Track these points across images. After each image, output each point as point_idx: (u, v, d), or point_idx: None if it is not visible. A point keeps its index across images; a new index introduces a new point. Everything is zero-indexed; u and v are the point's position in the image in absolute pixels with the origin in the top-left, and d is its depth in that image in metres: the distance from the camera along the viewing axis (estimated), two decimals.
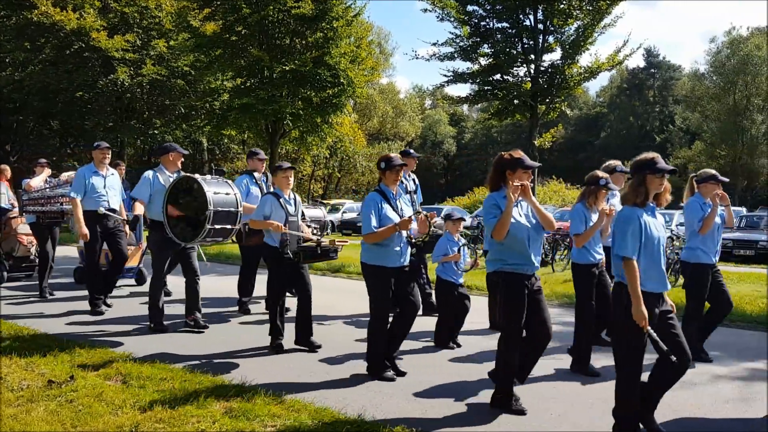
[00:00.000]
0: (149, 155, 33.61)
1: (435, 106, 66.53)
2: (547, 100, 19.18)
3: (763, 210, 30.50)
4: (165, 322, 6.89)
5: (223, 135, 27.20)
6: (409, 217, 5.12)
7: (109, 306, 7.93)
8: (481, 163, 60.59)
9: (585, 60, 19.15)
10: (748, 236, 18.35)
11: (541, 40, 18.92)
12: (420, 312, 5.67)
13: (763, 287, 10.99)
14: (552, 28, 18.86)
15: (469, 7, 19.30)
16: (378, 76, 30.60)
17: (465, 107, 68.59)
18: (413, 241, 5.43)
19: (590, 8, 18.08)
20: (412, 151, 7.94)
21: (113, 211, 7.68)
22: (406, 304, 5.24)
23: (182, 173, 6.85)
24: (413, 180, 7.73)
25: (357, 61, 21.54)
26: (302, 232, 6.16)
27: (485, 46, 19.63)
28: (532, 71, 19.15)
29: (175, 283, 8.55)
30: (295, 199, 6.29)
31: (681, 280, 11.38)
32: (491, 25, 19.39)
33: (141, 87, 25.58)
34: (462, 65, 64.42)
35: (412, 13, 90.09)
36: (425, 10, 19.75)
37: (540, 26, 18.85)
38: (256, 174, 7.90)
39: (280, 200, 6.06)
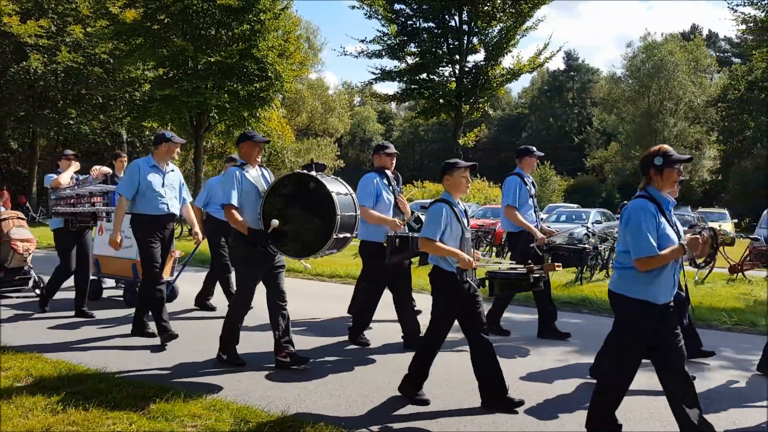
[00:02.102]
0: (63, 147, 32.15)
1: (364, 103, 66.79)
2: (471, 100, 19.61)
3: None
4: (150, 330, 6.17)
5: (144, 127, 26.33)
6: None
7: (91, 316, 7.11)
8: (409, 160, 61.33)
9: (507, 62, 19.65)
10: None
11: (465, 41, 19.33)
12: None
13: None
14: (476, 30, 19.29)
15: (396, 6, 19.49)
16: (306, 71, 30.42)
17: (393, 105, 69.27)
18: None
19: (513, 11, 18.59)
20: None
21: (172, 216, 6.20)
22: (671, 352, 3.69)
23: (285, 171, 5.81)
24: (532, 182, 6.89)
25: (285, 55, 21.36)
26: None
27: (412, 45, 19.87)
28: (456, 71, 19.53)
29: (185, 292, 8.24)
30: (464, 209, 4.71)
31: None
32: (418, 24, 19.64)
33: (55, 75, 24.51)
34: (390, 63, 64.87)
35: (340, 9, 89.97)
36: (353, 7, 19.88)
37: (465, 27, 19.24)
38: (388, 173, 6.20)
39: (455, 210, 4.42)
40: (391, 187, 6.15)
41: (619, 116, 48.71)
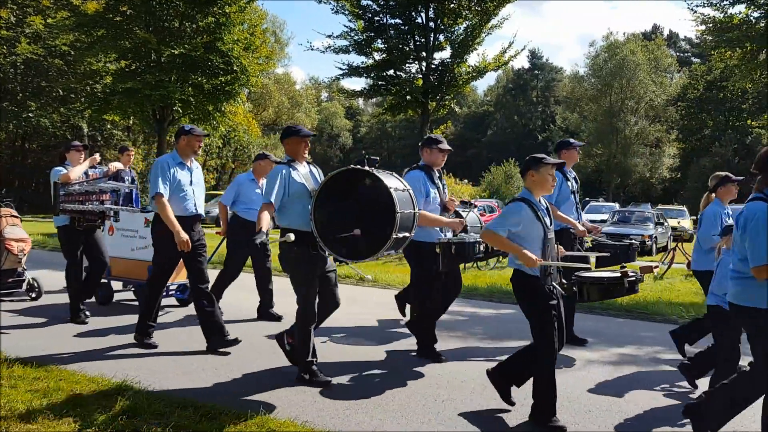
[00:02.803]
0: (23, 140, 31.36)
1: (331, 99, 66.59)
2: (438, 97, 19.68)
3: (635, 206, 32.97)
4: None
5: (105, 120, 25.80)
6: None
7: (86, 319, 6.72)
8: (376, 156, 61.18)
9: (473, 59, 19.72)
10: (621, 230, 19.74)
11: (432, 39, 19.37)
12: None
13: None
14: (442, 27, 19.35)
15: (363, 2, 19.44)
16: (273, 66, 30.13)
17: (360, 101, 69.25)
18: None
19: (478, 9, 18.71)
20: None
21: (199, 217, 5.82)
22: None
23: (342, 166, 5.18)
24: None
25: (251, 49, 21.14)
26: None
27: (379, 41, 19.84)
28: (423, 68, 19.58)
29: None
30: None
31: None
32: (385, 20, 19.61)
33: (14, 67, 23.84)
34: (357, 59, 64.76)
35: (306, 3, 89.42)
36: (320, 1, 19.69)
37: (431, 24, 19.29)
38: (435, 170, 5.76)
39: (537, 210, 4.15)
40: (437, 186, 5.66)
41: (582, 115, 49.50)
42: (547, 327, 4.01)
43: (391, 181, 4.61)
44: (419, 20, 19.40)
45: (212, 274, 6.21)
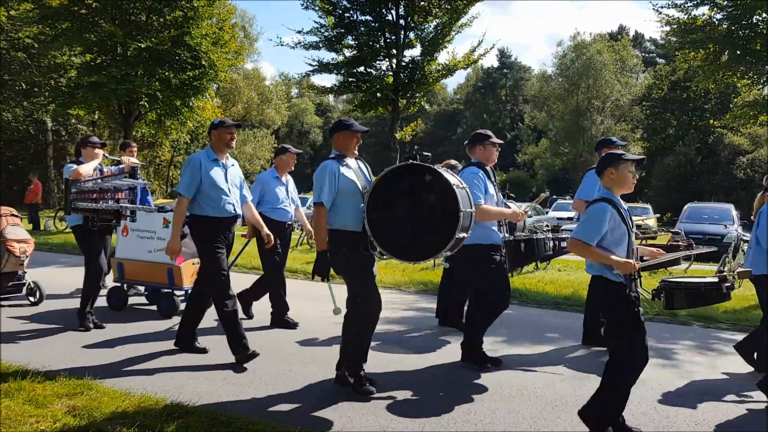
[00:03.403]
0: None
1: (301, 95, 66.18)
2: (408, 95, 19.75)
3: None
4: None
5: (70, 115, 25.27)
6: None
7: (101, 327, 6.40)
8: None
9: (443, 57, 19.85)
10: None
11: (402, 36, 19.43)
12: None
13: None
14: (413, 25, 19.43)
15: None
16: (242, 61, 29.85)
17: (331, 98, 68.96)
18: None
19: (448, 7, 18.82)
20: None
21: (236, 218, 5.50)
22: None
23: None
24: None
25: (219, 44, 20.93)
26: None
27: (349, 37, 19.83)
28: (394, 66, 19.62)
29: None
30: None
31: None
32: (355, 17, 19.61)
33: None
34: (327, 55, 64.58)
35: None
36: None
37: (401, 22, 19.34)
38: (488, 167, 5.49)
39: (621, 210, 3.86)
40: (494, 183, 5.40)
41: (549, 113, 50.03)
42: (635, 335, 3.77)
43: (451, 177, 4.38)
44: (390, 17, 19.44)
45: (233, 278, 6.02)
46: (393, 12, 19.32)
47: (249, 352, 5.17)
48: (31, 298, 7.42)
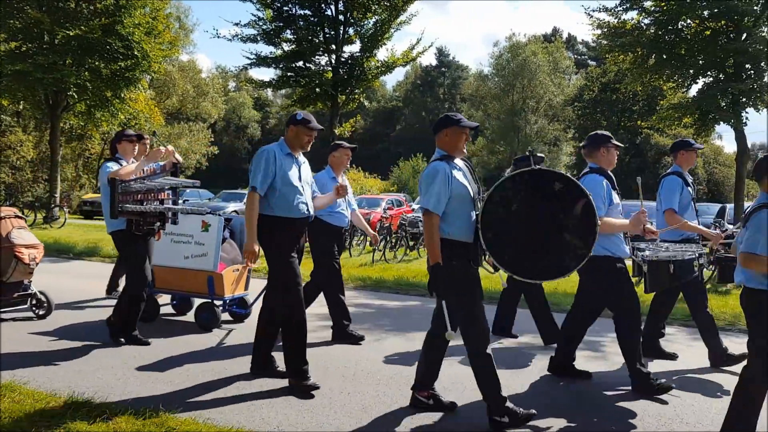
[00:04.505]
0: None
1: (239, 89, 65.10)
2: (347, 91, 19.73)
3: None
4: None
5: None
6: None
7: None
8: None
9: (382, 54, 20.00)
10: None
11: (341, 31, 19.39)
12: None
13: None
14: (352, 21, 19.41)
15: None
16: (177, 52, 29.06)
17: (269, 92, 68.15)
18: None
19: (387, 4, 18.89)
20: None
21: (308, 220, 4.80)
22: None
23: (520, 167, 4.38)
24: None
25: (153, 34, 20.35)
26: None
27: (288, 31, 19.63)
28: (333, 61, 19.55)
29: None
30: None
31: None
32: (294, 11, 19.43)
33: None
34: (265, 49, 63.70)
35: None
36: None
37: (341, 17, 19.29)
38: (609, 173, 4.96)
39: None
40: (618, 191, 4.86)
41: (486, 112, 50.93)
42: None
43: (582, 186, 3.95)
44: (329, 12, 19.36)
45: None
46: (332, 7, 19.25)
47: (309, 382, 4.53)
48: (39, 311, 6.59)
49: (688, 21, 14.32)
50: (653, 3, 14.39)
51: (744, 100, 13.61)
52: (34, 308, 6.58)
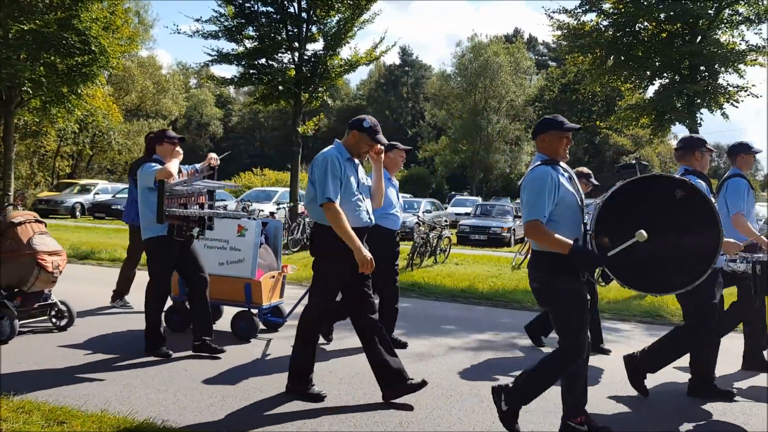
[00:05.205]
0: None
1: (200, 86, 64.20)
2: (311, 89, 19.62)
3: (497, 200, 34.74)
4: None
5: None
6: None
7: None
8: (248, 147, 59.96)
9: (345, 53, 19.82)
10: (482, 223, 20.76)
11: (305, 29, 19.26)
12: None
13: (493, 267, 12.56)
14: (315, 18, 19.30)
15: None
16: (136, 48, 28.52)
17: (231, 89, 67.31)
18: None
19: (350, 2, 18.85)
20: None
21: (367, 230, 4.59)
22: None
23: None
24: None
25: (111, 29, 19.90)
26: None
27: (250, 28, 19.42)
28: (296, 59, 19.42)
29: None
30: None
31: None
32: (256, 7, 19.23)
33: None
34: (227, 46, 62.94)
35: None
36: None
37: (304, 15, 19.18)
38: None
39: None
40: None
41: (449, 112, 51.31)
42: None
43: (708, 195, 3.83)
44: (292, 10, 19.22)
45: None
46: (295, 4, 19.12)
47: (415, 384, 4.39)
48: (60, 322, 6.20)
49: (646, 23, 14.63)
50: (612, 5, 14.66)
51: (699, 101, 13.96)
52: (54, 319, 6.19)
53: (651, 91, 15.76)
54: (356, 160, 4.59)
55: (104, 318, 6.89)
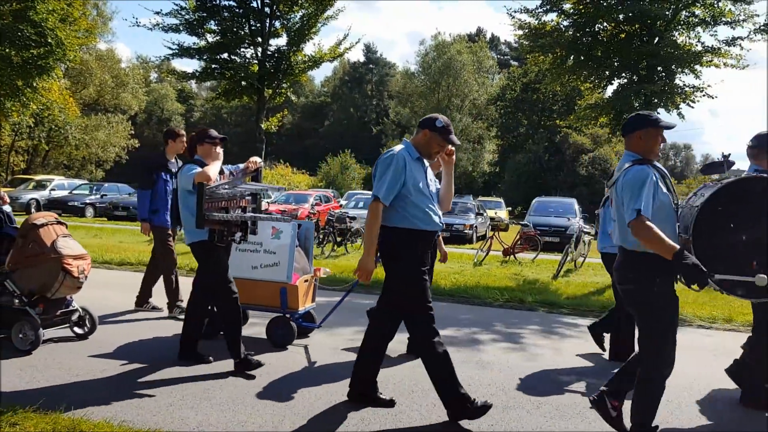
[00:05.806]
0: None
1: (161, 80, 63.05)
2: (274, 85, 19.50)
3: (459, 197, 34.98)
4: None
5: None
6: None
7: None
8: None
9: (309, 49, 19.82)
10: (445, 220, 20.87)
11: (268, 24, 19.13)
12: None
13: (455, 264, 12.68)
14: (278, 13, 19.19)
15: None
16: (94, 40, 27.93)
17: (193, 84, 66.40)
18: None
19: None
20: None
21: (436, 233, 4.28)
22: None
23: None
24: None
25: (68, 21, 19.49)
26: None
27: (212, 22, 19.19)
28: (259, 54, 19.27)
29: None
30: None
31: None
32: (218, 1, 19.01)
33: None
34: (188, 39, 62.03)
35: None
36: None
37: (267, 10, 19.04)
38: None
39: None
40: None
41: (413, 110, 51.55)
42: None
43: None
44: (254, 4, 19.06)
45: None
46: None
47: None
48: (81, 329, 5.78)
49: (605, 24, 14.89)
50: (572, 6, 14.89)
51: (656, 101, 14.26)
52: (76, 326, 5.77)
53: (610, 90, 16.05)
54: (425, 162, 4.28)
55: (126, 325, 6.42)
